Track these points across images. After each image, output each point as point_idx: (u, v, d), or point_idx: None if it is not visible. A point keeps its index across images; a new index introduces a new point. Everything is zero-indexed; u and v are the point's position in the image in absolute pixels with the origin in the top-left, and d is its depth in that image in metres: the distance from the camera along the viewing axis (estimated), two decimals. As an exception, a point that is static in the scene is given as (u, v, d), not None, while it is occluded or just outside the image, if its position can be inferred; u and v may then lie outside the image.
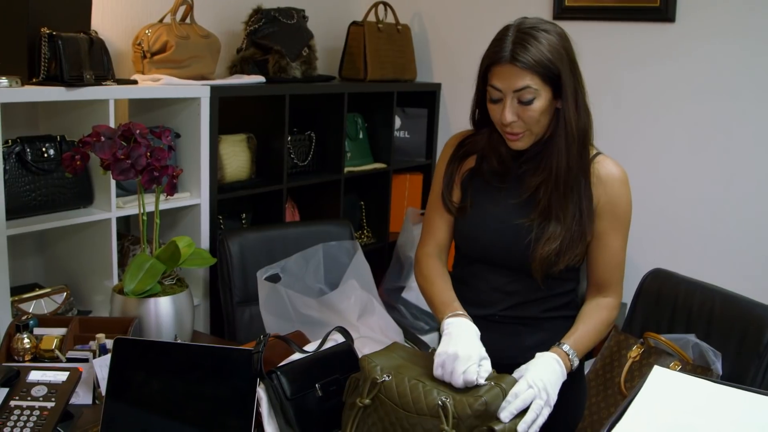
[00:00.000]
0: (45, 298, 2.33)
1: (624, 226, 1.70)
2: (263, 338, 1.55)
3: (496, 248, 1.70)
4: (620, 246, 1.70)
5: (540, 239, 1.63)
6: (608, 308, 1.70)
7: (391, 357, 1.53)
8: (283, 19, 3.00)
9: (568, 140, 1.61)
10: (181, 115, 2.64)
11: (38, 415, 1.54)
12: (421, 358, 1.56)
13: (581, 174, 1.65)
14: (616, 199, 1.67)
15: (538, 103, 1.58)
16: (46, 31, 2.20)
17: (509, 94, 1.57)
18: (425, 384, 1.43)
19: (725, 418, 1.19)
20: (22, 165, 2.24)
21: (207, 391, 1.54)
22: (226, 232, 2.64)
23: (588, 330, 1.64)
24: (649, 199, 3.20)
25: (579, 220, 1.63)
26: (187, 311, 2.02)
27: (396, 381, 1.44)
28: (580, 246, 1.65)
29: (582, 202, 1.64)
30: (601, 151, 1.73)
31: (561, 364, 1.53)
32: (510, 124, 1.60)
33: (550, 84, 1.58)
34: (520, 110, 1.58)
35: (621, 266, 1.71)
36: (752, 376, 1.96)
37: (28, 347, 1.83)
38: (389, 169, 3.51)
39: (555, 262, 1.63)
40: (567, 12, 3.29)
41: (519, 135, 1.62)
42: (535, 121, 1.59)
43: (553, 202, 1.64)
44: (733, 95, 2.99)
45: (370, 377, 1.47)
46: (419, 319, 3.23)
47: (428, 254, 1.81)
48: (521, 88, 1.56)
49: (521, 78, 1.55)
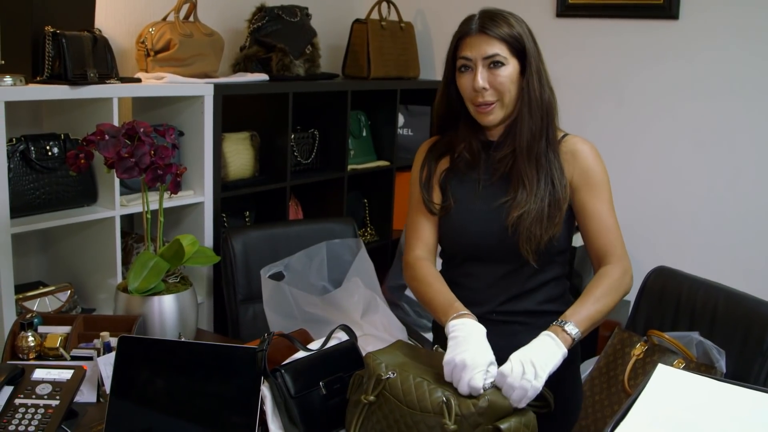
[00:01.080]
0: (49, 296, 2.33)
1: (603, 190, 1.72)
2: (267, 336, 1.55)
3: (484, 236, 1.73)
4: (605, 210, 1.72)
5: (513, 209, 1.68)
6: (607, 275, 1.67)
7: (395, 354, 1.53)
8: (286, 17, 3.01)
9: (532, 108, 1.68)
10: (185, 113, 2.65)
11: (43, 413, 1.55)
12: (425, 355, 1.56)
13: (550, 148, 1.71)
14: (588, 168, 1.72)
15: (506, 70, 1.66)
16: (50, 29, 2.21)
17: (479, 62, 1.66)
18: (430, 382, 1.43)
19: (729, 416, 1.19)
20: (26, 163, 2.24)
21: (211, 390, 1.54)
22: (230, 230, 2.64)
23: (585, 302, 1.61)
24: (653, 197, 3.20)
25: (552, 190, 1.68)
26: (191, 309, 2.02)
27: (401, 378, 1.45)
28: (557, 214, 1.68)
29: (553, 173, 1.69)
30: (568, 133, 1.78)
31: (554, 338, 1.51)
32: (481, 92, 1.66)
33: (516, 57, 1.67)
34: (491, 77, 1.66)
35: (612, 229, 1.72)
36: (756, 374, 1.96)
37: (32, 345, 1.83)
38: (392, 167, 3.51)
39: (538, 233, 1.66)
40: (570, 9, 3.28)
41: (491, 106, 1.68)
42: (506, 88, 1.67)
43: (521, 171, 1.69)
44: (737, 93, 2.98)
45: (374, 374, 1.47)
46: (422, 316, 3.23)
47: (418, 257, 1.80)
48: (491, 55, 1.65)
49: (491, 45, 1.65)
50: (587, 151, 1.73)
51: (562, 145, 1.74)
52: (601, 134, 3.22)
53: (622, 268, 1.69)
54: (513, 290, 1.75)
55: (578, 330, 1.55)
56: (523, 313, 1.76)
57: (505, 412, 1.40)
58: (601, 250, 1.71)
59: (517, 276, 1.74)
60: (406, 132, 3.69)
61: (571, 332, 1.54)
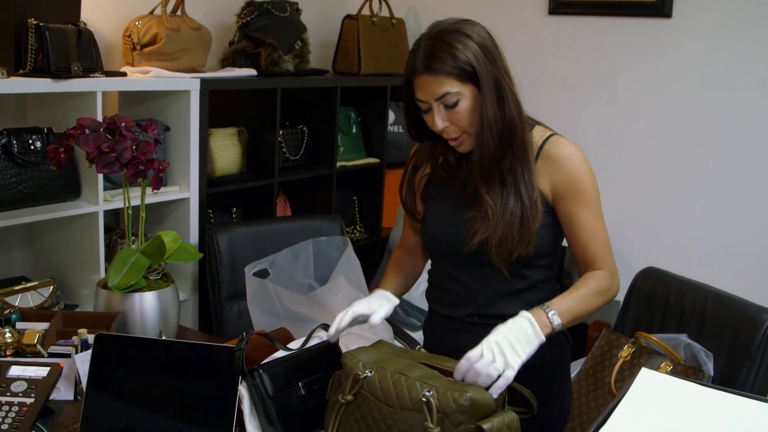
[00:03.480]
0: (32, 291, 2.30)
1: (590, 199, 1.64)
2: (245, 336, 1.53)
3: (453, 245, 1.69)
4: (593, 220, 1.65)
5: (477, 231, 1.62)
6: (596, 277, 1.63)
7: (373, 352, 1.51)
8: (275, 11, 2.98)
9: (485, 134, 1.58)
10: (171, 108, 2.62)
11: (17, 410, 1.53)
12: (406, 352, 1.54)
13: (517, 163, 1.62)
14: (574, 176, 1.63)
15: (463, 104, 1.57)
16: (33, 22, 2.18)
17: (433, 103, 1.58)
18: (408, 377, 1.40)
19: (712, 422, 1.17)
20: (8, 157, 2.22)
21: (188, 389, 1.52)
22: (215, 227, 2.62)
23: (572, 294, 1.59)
24: (643, 197, 3.18)
25: (521, 207, 1.61)
26: (173, 306, 2.00)
27: (379, 376, 1.42)
28: (527, 234, 1.61)
29: (521, 190, 1.61)
30: (554, 132, 1.70)
31: (532, 323, 1.48)
32: (444, 130, 1.60)
33: (470, 81, 1.56)
34: (449, 114, 1.58)
35: (601, 238, 1.65)
36: (744, 377, 1.94)
37: (9, 342, 1.81)
38: (382, 164, 3.49)
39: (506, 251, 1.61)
40: (562, 7, 3.25)
41: (458, 139, 1.62)
42: (467, 122, 1.58)
43: (483, 195, 1.62)
44: (728, 91, 2.96)
45: (352, 373, 1.45)
46: (411, 315, 3.21)
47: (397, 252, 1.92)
48: (442, 95, 1.56)
49: (439, 85, 1.55)
50: (571, 155, 1.64)
51: (544, 149, 1.66)
52: (592, 132, 3.20)
53: (611, 275, 1.65)
54: (493, 293, 1.71)
55: (560, 321, 1.52)
56: (507, 316, 1.71)
57: (487, 411, 1.37)
58: (586, 258, 1.66)
59: (496, 279, 1.69)
60: (396, 129, 3.66)
61: (553, 321, 1.52)
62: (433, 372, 1.44)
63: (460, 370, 1.43)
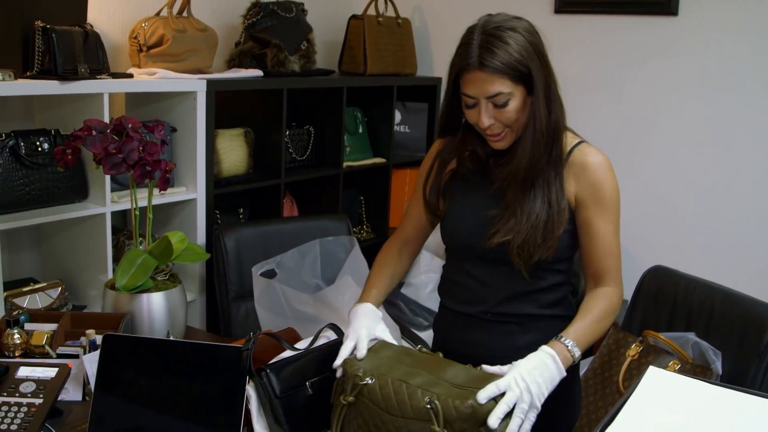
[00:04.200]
0: (40, 292, 2.32)
1: (611, 211, 1.63)
2: (253, 336, 1.53)
3: (472, 241, 1.68)
4: (610, 232, 1.63)
5: (498, 231, 1.62)
6: (606, 297, 1.63)
7: (374, 358, 1.51)
8: (281, 12, 2.98)
9: (536, 137, 1.58)
10: (177, 109, 2.63)
11: (26, 411, 1.53)
12: (407, 355, 1.53)
13: (551, 167, 1.62)
14: (599, 185, 1.62)
15: (512, 104, 1.56)
16: (40, 24, 2.19)
17: (482, 100, 1.55)
18: (409, 384, 1.40)
19: (720, 420, 1.17)
20: (16, 159, 2.22)
21: (196, 389, 1.52)
22: (222, 227, 2.62)
23: (587, 322, 1.58)
24: (650, 195, 3.17)
25: (548, 211, 1.60)
26: (180, 307, 2.00)
27: (380, 383, 1.42)
28: (551, 237, 1.60)
29: (551, 194, 1.61)
30: (583, 139, 1.69)
31: (556, 360, 1.46)
32: (489, 127, 1.58)
33: (521, 83, 1.55)
34: (496, 113, 1.56)
35: (614, 253, 1.65)
36: (752, 375, 1.93)
37: (18, 343, 1.81)
38: (389, 164, 3.49)
39: (528, 253, 1.60)
40: (568, 5, 3.25)
41: (500, 135, 1.61)
42: (513, 120, 1.58)
43: (513, 196, 1.62)
44: (736, 90, 2.95)
45: (352, 380, 1.44)
46: (418, 315, 3.21)
47: (388, 246, 1.87)
48: (494, 95, 1.54)
49: (492, 84, 1.53)
50: (599, 165, 1.63)
51: (573, 155, 1.65)
52: (599, 132, 3.19)
53: (618, 293, 1.66)
54: (508, 291, 1.70)
55: (580, 353, 1.53)
56: (520, 316, 1.71)
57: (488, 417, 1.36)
58: (597, 269, 1.66)
59: (512, 278, 1.68)
60: (402, 129, 3.67)
61: (574, 354, 1.51)
62: (434, 378, 1.42)
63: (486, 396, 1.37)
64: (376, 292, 1.74)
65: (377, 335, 1.57)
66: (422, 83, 3.65)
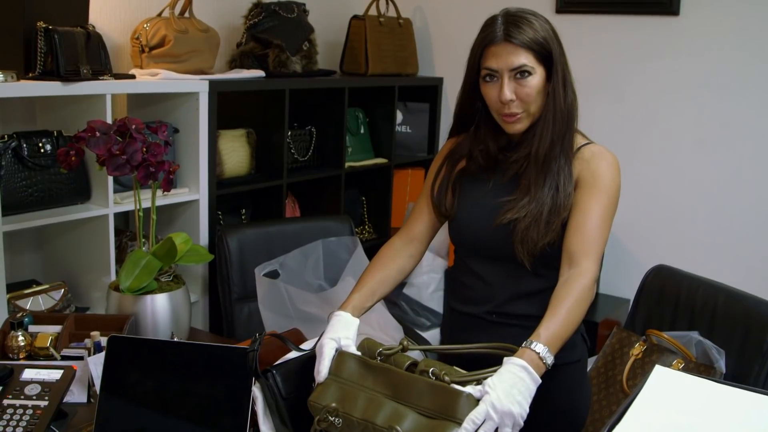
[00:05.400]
0: (42, 294, 2.31)
1: (603, 194, 1.62)
2: (258, 337, 1.53)
3: (481, 232, 1.69)
4: (597, 213, 1.60)
5: (512, 209, 1.64)
6: (575, 280, 1.54)
7: (335, 383, 1.45)
8: (283, 13, 2.98)
9: (556, 116, 1.63)
10: (180, 110, 2.62)
11: (31, 413, 1.53)
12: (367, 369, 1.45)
13: (562, 153, 1.64)
14: (601, 173, 1.64)
15: (534, 80, 1.60)
16: (42, 25, 2.19)
17: (505, 73, 1.60)
18: (375, 426, 1.34)
19: (727, 418, 1.17)
20: (18, 160, 2.22)
21: (202, 390, 1.51)
22: (225, 228, 2.62)
23: (560, 318, 1.49)
24: (652, 195, 3.18)
25: (554, 195, 1.62)
26: (184, 308, 2.00)
27: (346, 423, 1.38)
28: (555, 220, 1.61)
29: (560, 179, 1.63)
30: (593, 141, 1.72)
31: (529, 371, 1.37)
32: (508, 103, 1.61)
33: (543, 64, 1.61)
34: (517, 88, 1.60)
35: (595, 236, 1.59)
36: (756, 374, 1.94)
37: (22, 345, 1.81)
38: (391, 164, 3.49)
39: (533, 237, 1.60)
40: (570, 5, 3.25)
41: (517, 116, 1.63)
42: (532, 99, 1.61)
43: (531, 176, 1.64)
44: (737, 90, 2.95)
45: (318, 415, 1.42)
46: (421, 315, 3.21)
47: (388, 245, 1.83)
48: (518, 67, 1.59)
49: (517, 55, 1.58)
50: (604, 159, 1.66)
51: (581, 151, 1.66)
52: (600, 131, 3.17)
53: (592, 270, 1.57)
54: (512, 291, 1.70)
55: (552, 357, 1.43)
56: (523, 317, 1.70)
57: None
58: (574, 249, 1.59)
59: (516, 277, 1.69)
60: (404, 129, 3.67)
61: (546, 360, 1.42)
62: (399, 406, 1.36)
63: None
64: (357, 297, 1.68)
65: (341, 345, 1.51)
66: (424, 83, 3.65)
